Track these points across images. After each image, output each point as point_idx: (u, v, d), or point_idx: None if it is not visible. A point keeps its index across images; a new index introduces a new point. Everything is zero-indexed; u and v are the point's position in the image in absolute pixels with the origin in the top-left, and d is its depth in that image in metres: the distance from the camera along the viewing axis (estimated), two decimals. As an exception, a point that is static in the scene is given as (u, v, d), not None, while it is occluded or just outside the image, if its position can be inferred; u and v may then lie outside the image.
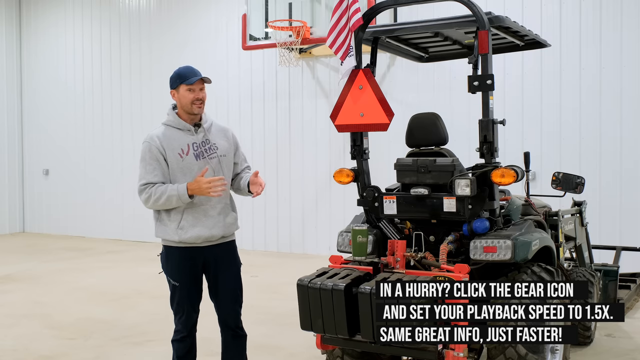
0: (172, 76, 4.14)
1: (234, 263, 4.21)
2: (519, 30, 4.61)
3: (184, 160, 4.00)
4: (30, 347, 5.72)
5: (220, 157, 4.10)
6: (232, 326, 4.23)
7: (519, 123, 9.02)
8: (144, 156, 4.07)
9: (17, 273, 9.22)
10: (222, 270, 4.14)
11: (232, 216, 4.17)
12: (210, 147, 4.08)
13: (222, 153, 4.13)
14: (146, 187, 4.00)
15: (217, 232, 4.06)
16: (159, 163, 4.01)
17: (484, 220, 4.11)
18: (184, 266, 4.06)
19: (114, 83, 12.92)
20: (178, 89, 4.08)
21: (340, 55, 4.29)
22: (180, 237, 3.98)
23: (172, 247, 4.05)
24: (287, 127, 10.97)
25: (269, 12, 10.03)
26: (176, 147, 4.02)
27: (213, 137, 4.14)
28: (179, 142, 4.03)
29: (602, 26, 8.62)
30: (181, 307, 4.13)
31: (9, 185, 13.91)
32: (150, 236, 13.92)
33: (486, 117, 4.11)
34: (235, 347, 4.28)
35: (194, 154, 4.02)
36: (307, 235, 10.80)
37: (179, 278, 4.08)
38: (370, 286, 3.60)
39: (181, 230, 3.98)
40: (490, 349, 3.96)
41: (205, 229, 4.01)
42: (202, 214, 4.00)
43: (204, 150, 4.06)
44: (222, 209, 4.09)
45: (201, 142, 4.07)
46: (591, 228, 6.83)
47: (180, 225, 3.98)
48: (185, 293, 4.09)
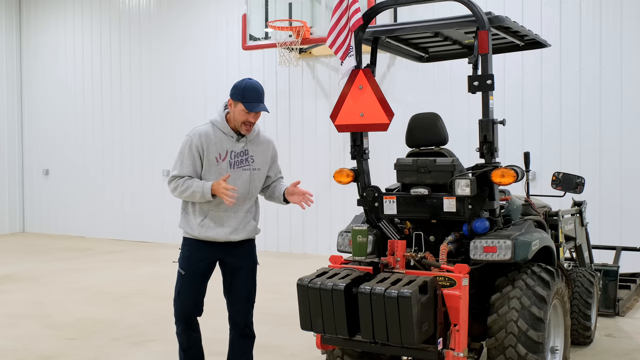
0: (237, 86, 4.09)
1: (251, 261, 4.30)
2: (519, 30, 4.60)
3: (218, 164, 4.10)
4: (30, 347, 5.72)
5: (252, 170, 4.19)
6: (241, 324, 4.27)
7: (519, 123, 9.02)
8: (182, 149, 4.12)
9: (17, 273, 9.22)
10: (238, 266, 4.23)
11: (252, 224, 4.28)
12: (246, 159, 4.17)
13: (256, 167, 4.21)
14: (177, 178, 4.09)
15: (235, 237, 4.17)
16: (194, 160, 4.09)
17: (484, 220, 4.11)
18: (198, 258, 4.17)
19: (114, 83, 12.92)
20: (237, 103, 4.07)
21: (340, 55, 4.28)
22: (200, 233, 4.12)
23: (191, 239, 4.18)
24: (287, 127, 10.97)
25: (269, 12, 10.03)
26: (214, 151, 4.09)
27: (253, 149, 4.21)
28: (218, 146, 4.10)
29: (602, 26, 8.62)
30: (181, 296, 4.21)
31: (9, 185, 13.92)
32: (150, 236, 13.83)
33: (486, 117, 4.10)
34: (241, 346, 4.31)
35: (229, 162, 4.11)
36: (307, 235, 10.80)
37: (189, 268, 4.18)
38: (370, 286, 3.60)
39: (202, 228, 4.11)
40: (491, 349, 3.96)
41: (224, 232, 4.13)
42: (224, 218, 4.13)
43: (240, 160, 4.14)
44: (244, 217, 4.20)
45: (240, 152, 4.15)
46: (591, 228, 6.84)
47: (202, 223, 4.11)
48: (188, 283, 4.19)
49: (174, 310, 4.25)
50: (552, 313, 4.21)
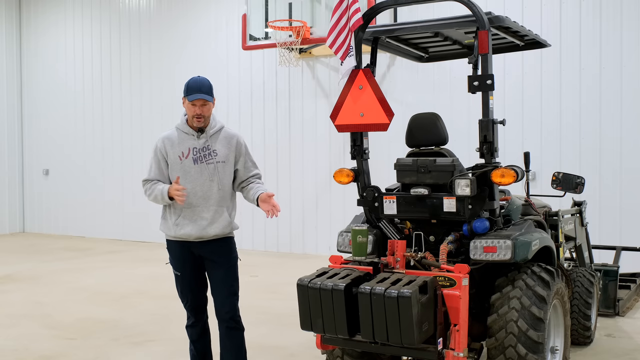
0: (185, 84, 4.29)
1: (229, 257, 4.36)
2: (519, 30, 4.60)
3: (182, 162, 4.27)
4: (30, 347, 5.72)
5: (217, 164, 4.29)
6: (226, 318, 4.31)
7: (519, 123, 9.02)
8: (152, 155, 4.40)
9: (17, 273, 9.23)
10: (215, 264, 4.33)
11: (226, 219, 4.31)
12: (209, 153, 4.29)
13: (220, 159, 4.31)
14: (145, 182, 4.38)
15: (209, 233, 4.26)
16: (159, 163, 4.33)
17: (484, 220, 4.11)
18: (183, 258, 4.35)
19: (114, 83, 12.92)
20: (184, 99, 4.27)
21: (340, 55, 4.29)
22: (176, 232, 4.29)
23: (171, 240, 4.38)
24: (287, 127, 10.97)
25: (269, 12, 10.03)
26: (177, 150, 4.29)
27: (214, 144, 4.31)
28: (181, 145, 4.29)
29: (602, 26, 8.62)
30: (184, 294, 4.41)
31: (9, 185, 13.92)
32: (150, 236, 13.86)
33: (486, 117, 4.11)
34: (229, 339, 4.35)
35: (192, 158, 4.27)
36: (307, 235, 10.80)
37: (179, 268, 4.38)
38: (370, 286, 3.60)
39: (176, 227, 4.28)
40: (491, 349, 3.96)
41: (196, 229, 4.24)
42: (197, 214, 4.24)
43: (203, 155, 4.28)
44: (216, 211, 4.27)
45: (201, 148, 4.29)
46: (591, 228, 6.84)
47: (176, 222, 4.28)
48: (186, 282, 4.38)
49: (183, 306, 4.45)
50: (552, 313, 4.21)
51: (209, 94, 4.23)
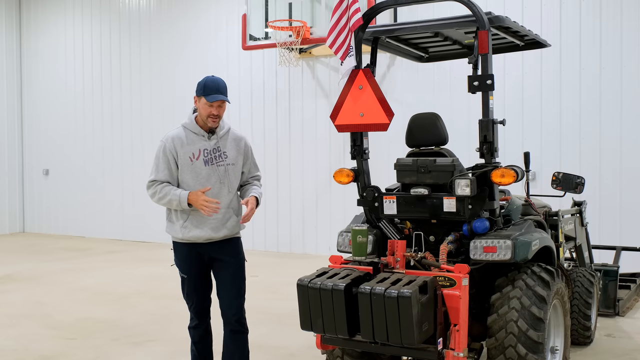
0: (199, 82, 4.23)
1: (237, 257, 4.35)
2: (519, 30, 4.60)
3: (193, 164, 4.21)
4: (30, 347, 5.72)
5: (227, 166, 4.27)
6: (232, 320, 4.31)
7: (519, 123, 9.02)
8: (157, 154, 4.27)
9: (17, 273, 9.23)
10: (224, 264, 4.30)
11: (234, 220, 4.32)
12: (220, 155, 4.26)
13: (230, 162, 4.29)
14: (153, 183, 4.24)
15: (218, 235, 4.24)
16: (169, 164, 4.22)
17: (484, 220, 4.11)
18: (190, 260, 4.31)
19: (114, 83, 12.92)
20: (200, 98, 4.20)
21: (340, 55, 4.29)
22: (184, 235, 4.24)
23: (178, 242, 4.33)
24: (287, 127, 10.97)
25: (269, 12, 10.03)
26: (188, 151, 4.22)
27: (224, 145, 4.30)
28: (191, 146, 4.23)
29: (602, 26, 8.62)
30: (190, 297, 4.38)
31: (9, 185, 13.92)
32: (150, 236, 13.85)
33: (486, 117, 4.11)
34: (233, 342, 4.35)
35: (203, 160, 4.22)
36: (307, 235, 10.80)
37: (186, 270, 4.34)
38: (370, 286, 3.60)
39: (185, 229, 4.23)
40: (491, 349, 3.96)
41: (205, 231, 4.21)
42: (205, 217, 4.19)
43: (214, 157, 4.24)
44: (225, 214, 4.26)
45: (212, 149, 4.25)
46: (591, 228, 6.84)
47: (184, 224, 4.23)
48: (192, 284, 4.34)
49: (189, 310, 4.42)
50: (552, 313, 4.21)
51: (226, 95, 4.22)
